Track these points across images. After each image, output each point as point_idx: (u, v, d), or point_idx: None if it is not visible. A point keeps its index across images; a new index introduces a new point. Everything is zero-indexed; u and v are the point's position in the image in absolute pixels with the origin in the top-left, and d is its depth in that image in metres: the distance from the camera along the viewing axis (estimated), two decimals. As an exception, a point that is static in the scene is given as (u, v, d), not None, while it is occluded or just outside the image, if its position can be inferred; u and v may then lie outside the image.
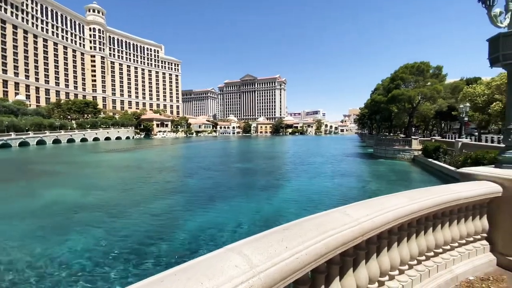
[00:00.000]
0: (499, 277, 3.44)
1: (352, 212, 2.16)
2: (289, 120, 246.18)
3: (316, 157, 43.55)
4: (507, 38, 3.78)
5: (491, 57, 4.06)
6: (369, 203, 2.51)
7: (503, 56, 3.83)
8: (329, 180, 23.11)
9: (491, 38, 4.02)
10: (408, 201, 2.72)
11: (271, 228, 1.86)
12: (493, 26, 3.87)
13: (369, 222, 2.08)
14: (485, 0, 3.76)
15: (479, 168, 4.20)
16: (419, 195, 3.01)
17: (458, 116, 27.97)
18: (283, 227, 1.81)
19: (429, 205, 2.92)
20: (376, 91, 46.12)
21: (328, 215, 2.07)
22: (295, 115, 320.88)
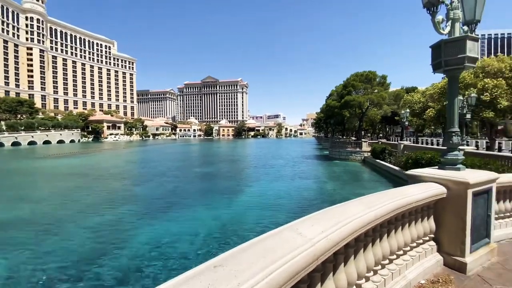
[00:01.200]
0: (447, 277, 3.49)
1: (306, 229, 1.82)
2: (251, 123, 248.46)
3: (277, 159, 44.29)
4: (448, 45, 3.95)
5: (434, 63, 4.23)
6: (325, 214, 2.22)
7: (445, 62, 4.00)
8: (289, 182, 23.47)
9: (434, 45, 4.19)
10: (365, 209, 2.53)
11: (232, 234, 1.39)
12: (436, 33, 4.02)
13: (324, 242, 1.76)
14: (429, 6, 3.89)
15: (425, 170, 4.32)
16: (375, 200, 2.86)
17: (400, 120, 31.07)
18: (214, 262, 1.37)
19: (385, 211, 2.77)
20: (330, 96, 49.21)
21: (276, 237, 1.70)
22: (257, 119, 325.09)
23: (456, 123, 4.21)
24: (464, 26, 4.15)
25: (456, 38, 3.89)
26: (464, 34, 3.87)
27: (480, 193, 3.86)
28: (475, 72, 23.59)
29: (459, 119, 15.12)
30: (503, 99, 21.02)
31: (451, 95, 4.21)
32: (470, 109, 19.92)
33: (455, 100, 4.18)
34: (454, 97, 4.18)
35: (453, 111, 4.19)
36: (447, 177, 3.80)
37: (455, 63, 3.93)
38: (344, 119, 46.23)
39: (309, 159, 44.29)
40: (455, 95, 4.18)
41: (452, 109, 4.20)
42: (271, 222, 12.51)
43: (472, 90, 21.88)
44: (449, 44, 3.95)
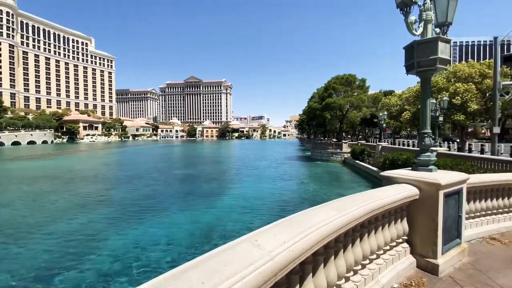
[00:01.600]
0: (420, 280, 3.45)
1: (266, 240, 1.63)
2: (235, 125, 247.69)
3: (260, 161, 44.24)
4: (421, 46, 3.95)
5: (407, 65, 4.23)
6: (290, 222, 2.04)
7: (417, 63, 4.00)
8: (272, 184, 23.40)
9: (407, 46, 4.19)
10: (336, 214, 2.38)
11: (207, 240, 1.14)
12: (409, 34, 4.01)
13: (285, 254, 1.57)
14: (402, 7, 3.87)
15: (399, 171, 4.30)
16: (347, 204, 2.74)
17: (378, 123, 32.08)
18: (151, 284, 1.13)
19: (358, 215, 2.65)
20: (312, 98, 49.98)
21: (230, 251, 1.49)
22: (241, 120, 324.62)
23: (429, 124, 4.22)
24: (436, 28, 4.19)
25: (428, 39, 3.90)
26: (436, 35, 3.88)
27: (451, 194, 3.88)
28: (447, 76, 24.84)
29: (432, 121, 15.62)
30: (473, 103, 22.25)
31: (424, 97, 4.22)
32: (442, 112, 20.89)
33: (427, 102, 4.19)
34: (427, 98, 4.19)
35: (426, 112, 4.20)
36: (420, 179, 3.78)
37: (427, 64, 3.93)
38: (326, 121, 47.09)
39: (292, 160, 44.64)
40: (428, 96, 4.19)
41: (424, 111, 4.21)
42: (251, 225, 12.30)
43: (445, 93, 22.97)
44: (421, 45, 3.95)
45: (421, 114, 4.28)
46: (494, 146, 19.40)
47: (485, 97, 22.81)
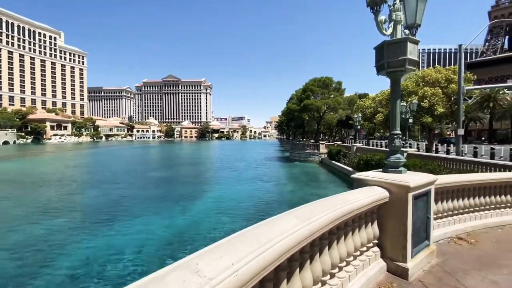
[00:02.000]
0: (390, 285, 3.36)
1: (209, 264, 1.34)
2: (216, 125, 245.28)
3: (240, 162, 43.88)
4: (391, 46, 3.90)
5: (377, 65, 4.17)
6: (244, 237, 1.77)
7: (387, 63, 3.94)
8: (250, 185, 23.16)
9: (377, 46, 4.12)
10: (299, 224, 2.16)
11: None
12: (380, 33, 3.95)
13: (232, 280, 1.29)
14: (373, 5, 3.79)
15: (370, 173, 4.23)
16: (314, 211, 2.53)
17: (353, 124, 33.08)
18: None
19: (324, 223, 2.46)
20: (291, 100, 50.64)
21: (160, 282, 1.18)
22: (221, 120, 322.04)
23: (399, 126, 4.19)
24: (405, 30, 4.17)
25: (398, 40, 3.85)
26: (406, 36, 3.84)
27: (420, 196, 3.86)
28: (416, 81, 26.16)
29: (402, 123, 16.25)
30: (440, 106, 23.59)
31: (393, 98, 4.18)
32: (412, 114, 21.92)
33: (397, 103, 4.15)
34: (397, 99, 4.15)
35: (396, 114, 4.16)
36: (390, 181, 3.70)
37: (397, 65, 3.89)
38: (304, 122, 47.85)
39: (271, 161, 44.78)
40: (398, 97, 4.16)
41: (394, 112, 4.17)
42: (228, 229, 11.95)
43: (414, 97, 24.14)
44: (391, 45, 3.90)
45: (392, 115, 4.23)
46: (458, 147, 20.67)
47: (451, 100, 24.30)
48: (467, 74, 26.59)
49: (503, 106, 55.92)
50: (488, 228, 5.61)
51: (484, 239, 5.02)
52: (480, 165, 11.50)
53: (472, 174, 5.73)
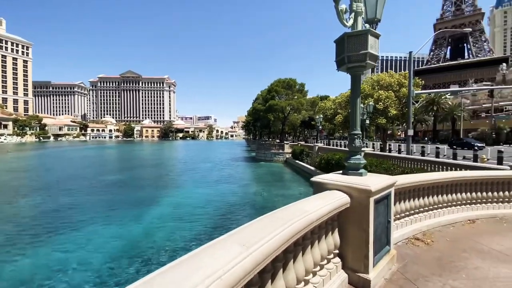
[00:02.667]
0: (350, 302, 3.00)
1: None
2: (180, 124, 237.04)
3: (204, 162, 42.46)
4: (351, 39, 3.61)
5: (338, 59, 3.86)
6: (163, 279, 1.18)
7: (348, 57, 3.65)
8: (214, 187, 22.29)
9: (338, 39, 3.82)
10: (242, 253, 1.63)
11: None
12: (341, 25, 3.63)
13: None
14: (332, -9, 3.45)
15: (330, 175, 3.91)
16: (263, 230, 2.04)
17: (315, 125, 34.12)
18: None
19: (276, 245, 1.97)
20: (256, 100, 50.66)
21: None
22: (186, 120, 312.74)
23: (359, 125, 3.94)
24: (366, 24, 3.94)
25: (359, 32, 3.57)
26: (366, 29, 3.58)
27: (381, 200, 3.63)
28: (372, 84, 27.80)
29: (361, 124, 16.73)
30: (393, 108, 25.33)
31: (353, 96, 3.91)
32: (368, 116, 23.16)
33: (357, 101, 3.89)
34: (357, 97, 3.89)
35: (356, 113, 3.90)
36: (351, 185, 3.40)
37: (357, 59, 3.61)
38: (270, 122, 48.21)
39: (237, 161, 44.19)
40: (358, 95, 3.90)
41: (355, 111, 3.91)
42: (186, 238, 11.07)
43: (370, 99, 25.59)
44: (351, 38, 3.61)
45: (352, 114, 3.97)
46: (408, 146, 22.33)
47: (402, 103, 26.26)
48: (416, 79, 29.03)
49: (445, 110, 62.99)
50: (441, 226, 5.75)
51: (439, 238, 5.08)
52: (428, 163, 12.37)
53: (426, 174, 5.82)
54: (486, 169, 9.01)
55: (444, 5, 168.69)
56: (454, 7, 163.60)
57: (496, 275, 3.60)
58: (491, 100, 58.70)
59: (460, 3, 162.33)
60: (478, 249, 4.55)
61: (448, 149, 24.77)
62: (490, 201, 6.80)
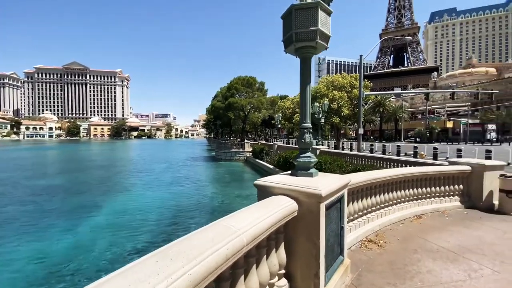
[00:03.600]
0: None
1: None
2: (135, 122, 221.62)
3: (159, 163, 39.60)
4: (299, 13, 3.01)
5: (285, 38, 3.25)
6: None
7: (296, 35, 3.05)
8: (166, 190, 20.58)
9: (284, 14, 3.21)
10: None
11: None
12: None
13: None
14: None
15: (276, 177, 3.28)
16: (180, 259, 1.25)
17: (275, 124, 34.32)
18: None
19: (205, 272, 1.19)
20: (216, 97, 49.07)
21: None
22: (142, 117, 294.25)
23: (309, 117, 3.38)
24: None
25: (308, 4, 2.99)
26: (316, 1, 3.01)
27: (333, 204, 3.11)
28: (327, 85, 28.84)
29: (316, 122, 16.81)
30: (345, 108, 26.56)
31: (303, 83, 3.33)
32: (323, 115, 23.88)
33: (307, 89, 3.32)
34: (307, 84, 3.32)
35: (306, 102, 3.32)
36: (299, 188, 2.80)
37: (307, 38, 3.03)
38: (230, 120, 47.28)
39: (196, 161, 42.26)
40: (308, 82, 3.33)
41: (304, 101, 3.33)
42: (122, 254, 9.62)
43: (325, 99, 26.46)
44: (300, 11, 3.01)
45: (301, 105, 3.38)
46: (359, 145, 23.57)
47: (353, 104, 27.72)
48: (365, 81, 30.97)
49: (389, 111, 69.36)
50: (392, 224, 5.62)
51: (391, 238, 4.88)
52: (377, 160, 12.91)
53: (379, 171, 5.63)
54: (430, 164, 9.55)
55: (388, 18, 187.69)
56: (396, 20, 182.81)
57: (449, 279, 3.38)
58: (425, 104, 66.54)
59: (401, 17, 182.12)
60: (428, 248, 4.42)
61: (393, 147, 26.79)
62: (433, 196, 7.03)
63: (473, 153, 22.49)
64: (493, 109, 63.31)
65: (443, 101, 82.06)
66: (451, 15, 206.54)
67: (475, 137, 54.76)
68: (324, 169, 13.41)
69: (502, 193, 6.80)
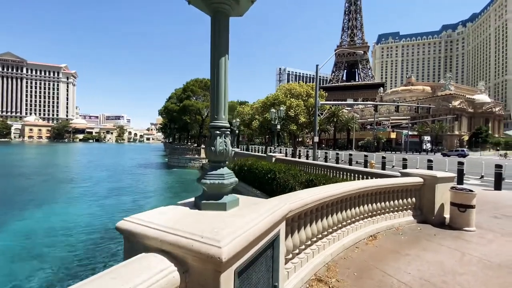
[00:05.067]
0: None
1: None
2: (81, 124, 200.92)
3: (100, 171, 34.95)
4: None
5: (188, -19, 1.96)
6: None
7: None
8: (96, 203, 17.45)
9: None
10: None
11: None
12: None
13: None
14: None
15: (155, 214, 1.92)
16: None
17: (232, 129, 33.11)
18: None
19: None
20: (170, 99, 45.56)
21: None
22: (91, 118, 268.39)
23: (225, 112, 2.14)
24: None
25: None
26: None
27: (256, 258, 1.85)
28: (285, 92, 28.75)
29: (272, 129, 15.76)
30: (302, 116, 26.58)
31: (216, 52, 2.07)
32: (280, 121, 23.44)
33: (222, 63, 2.08)
34: (221, 56, 2.07)
35: (220, 86, 2.08)
36: (184, 242, 1.48)
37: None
38: (187, 125, 44.58)
39: (146, 169, 38.43)
40: (223, 52, 2.08)
41: (217, 82, 2.08)
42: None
43: (283, 106, 26.18)
44: None
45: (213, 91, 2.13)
46: (314, 153, 23.57)
47: (310, 112, 27.98)
48: (321, 91, 31.72)
49: (342, 121, 73.71)
50: (346, 250, 4.67)
51: (345, 271, 3.88)
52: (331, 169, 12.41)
53: (330, 186, 4.67)
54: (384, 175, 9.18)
55: (342, 35, 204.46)
56: (349, 38, 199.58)
57: None
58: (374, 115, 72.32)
59: (353, 35, 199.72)
60: (388, 284, 3.51)
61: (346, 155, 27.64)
62: (387, 211, 6.40)
63: (415, 162, 24.24)
64: (428, 123, 71.61)
65: (388, 114, 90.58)
66: (395, 38, 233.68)
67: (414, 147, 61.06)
68: (278, 178, 12.51)
69: (454, 206, 6.46)
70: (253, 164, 16.60)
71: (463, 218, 6.37)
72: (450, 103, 75.80)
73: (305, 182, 10.79)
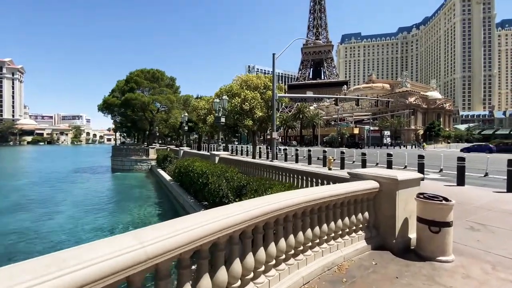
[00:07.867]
0: None
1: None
2: (29, 125, 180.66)
3: (31, 176, 29.44)
4: None
5: None
6: None
7: None
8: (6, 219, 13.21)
9: None
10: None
11: None
12: None
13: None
14: None
15: None
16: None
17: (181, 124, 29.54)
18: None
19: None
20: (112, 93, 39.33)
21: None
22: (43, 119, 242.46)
23: None
24: None
25: None
26: None
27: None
28: (240, 84, 26.03)
29: (215, 122, 12.45)
30: (258, 110, 24.07)
31: None
32: (224, 113, 20.86)
33: None
34: None
35: None
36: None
37: None
38: (137, 122, 39.75)
39: (84, 173, 33.14)
40: None
41: None
42: None
43: (237, 99, 23.46)
44: None
45: None
46: (273, 149, 21.27)
47: (268, 106, 25.59)
48: (279, 84, 29.61)
49: (308, 118, 73.47)
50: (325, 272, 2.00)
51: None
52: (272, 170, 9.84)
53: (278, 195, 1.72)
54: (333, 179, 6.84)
55: (308, 34, 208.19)
56: (314, 37, 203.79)
57: None
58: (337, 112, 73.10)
59: (318, 35, 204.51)
60: None
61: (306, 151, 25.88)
62: (324, 240, 3.93)
63: (375, 156, 23.13)
64: (388, 118, 74.33)
65: (351, 110, 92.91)
66: (357, 38, 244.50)
67: (375, 142, 62.60)
68: (210, 183, 9.74)
69: (422, 224, 4.17)
70: (189, 165, 13.62)
71: (435, 242, 4.08)
72: (407, 99, 79.73)
73: (236, 188, 8.19)
